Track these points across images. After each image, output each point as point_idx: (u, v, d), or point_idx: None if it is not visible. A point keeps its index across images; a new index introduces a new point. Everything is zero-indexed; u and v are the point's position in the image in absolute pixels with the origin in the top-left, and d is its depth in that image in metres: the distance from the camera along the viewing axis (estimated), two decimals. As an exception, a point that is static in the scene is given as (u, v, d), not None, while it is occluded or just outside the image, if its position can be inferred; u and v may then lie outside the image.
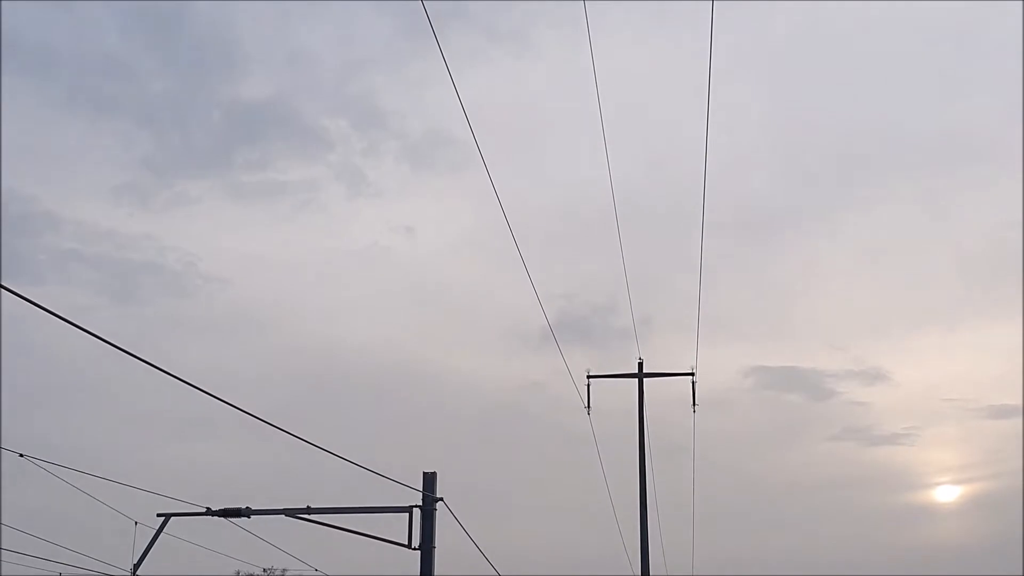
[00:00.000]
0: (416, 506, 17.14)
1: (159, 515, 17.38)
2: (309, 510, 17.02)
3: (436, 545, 17.28)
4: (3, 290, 7.82)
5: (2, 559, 21.79)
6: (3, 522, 18.76)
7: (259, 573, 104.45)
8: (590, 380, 48.73)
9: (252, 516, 17.33)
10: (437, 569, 17.34)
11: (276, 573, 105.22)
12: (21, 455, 16.48)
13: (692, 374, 49.85)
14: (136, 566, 16.95)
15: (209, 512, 17.22)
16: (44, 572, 27.38)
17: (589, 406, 48.27)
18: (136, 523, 17.81)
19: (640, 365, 50.08)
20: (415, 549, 17.11)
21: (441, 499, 17.24)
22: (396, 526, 17.00)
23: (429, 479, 17.39)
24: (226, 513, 17.14)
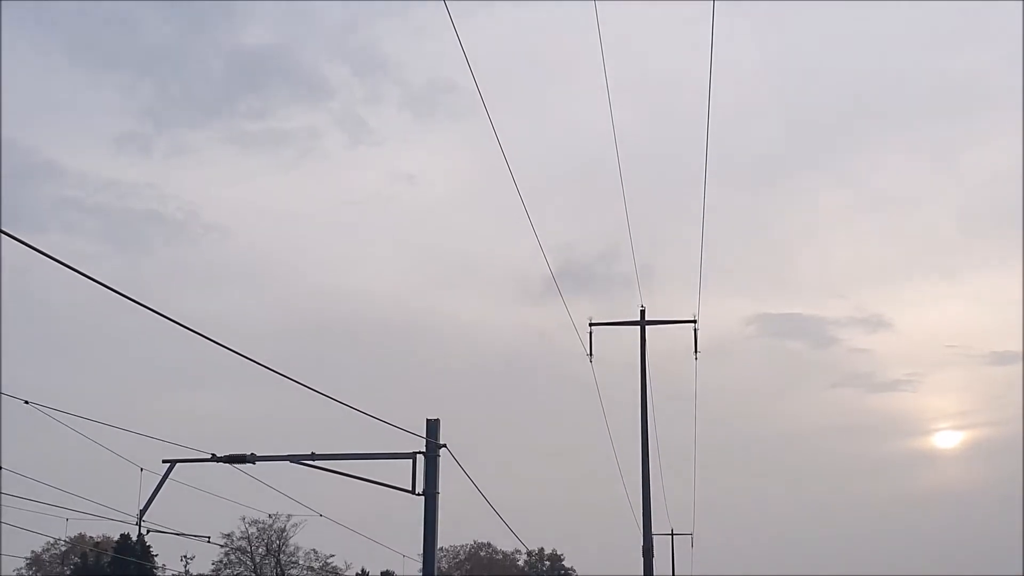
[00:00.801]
0: (419, 452, 17.26)
1: (164, 461, 17.50)
2: (313, 456, 17.14)
3: (439, 491, 17.44)
4: (6, 236, 7.81)
5: (1, 505, 21.99)
6: (11, 469, 18.91)
7: (264, 519, 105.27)
8: (592, 328, 48.80)
9: (257, 462, 17.46)
10: (440, 514, 17.50)
11: (281, 519, 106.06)
12: (27, 402, 16.56)
13: (694, 322, 49.89)
14: (142, 511, 17.11)
15: (214, 458, 17.34)
16: (52, 517, 27.60)
17: (591, 354, 48.39)
18: (142, 469, 17.97)
19: (642, 313, 50.13)
20: (419, 495, 17.26)
21: (444, 446, 17.36)
22: (400, 473, 17.13)
23: (432, 426, 17.50)
24: (231, 459, 17.26)
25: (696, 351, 51.23)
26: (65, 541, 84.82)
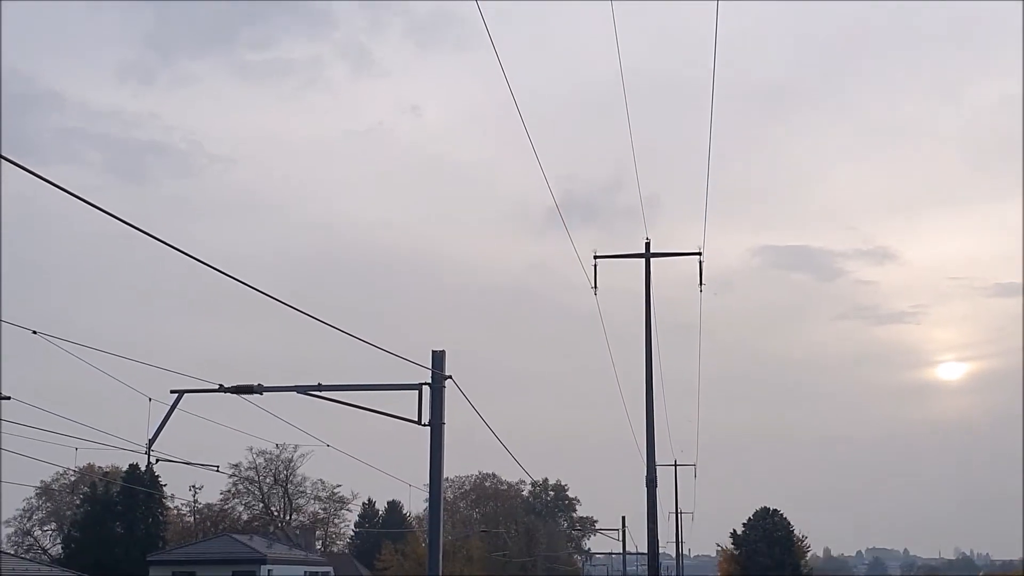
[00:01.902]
0: (425, 384, 17.38)
1: (172, 391, 17.64)
2: (320, 387, 17.26)
3: (445, 421, 17.59)
4: (11, 165, 7.79)
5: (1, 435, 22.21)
6: (19, 399, 19.08)
7: (271, 449, 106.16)
8: (597, 260, 48.87)
9: (263, 393, 17.60)
10: (446, 445, 17.68)
11: (288, 449, 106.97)
12: (34, 332, 16.64)
13: (699, 254, 49.88)
14: (151, 441, 17.29)
15: (221, 389, 17.47)
16: (61, 447, 27.82)
17: (596, 286, 48.50)
18: (150, 399, 18.11)
19: (647, 245, 50.12)
20: (425, 425, 17.42)
21: (450, 376, 17.48)
22: (406, 405, 17.26)
23: (438, 357, 17.60)
24: (238, 390, 17.39)
25: (701, 283, 51.28)
26: (74, 471, 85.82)
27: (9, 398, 18.42)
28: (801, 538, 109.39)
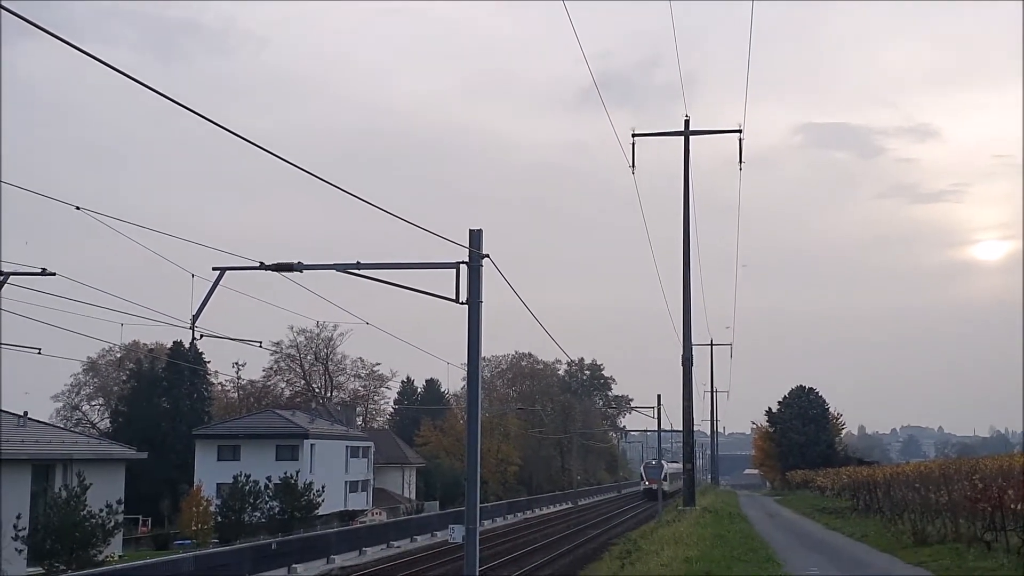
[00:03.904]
0: (463, 262, 17.44)
1: (214, 268, 17.84)
2: (359, 265, 17.38)
3: (483, 300, 17.71)
4: (58, 41, 7.78)
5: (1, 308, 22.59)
6: (65, 275, 19.41)
7: (311, 328, 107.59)
8: (635, 139, 48.43)
9: (304, 271, 17.76)
10: (483, 325, 17.83)
11: (328, 327, 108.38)
12: (77, 208, 16.81)
13: (739, 131, 49.41)
14: (195, 317, 17.58)
15: (262, 266, 17.64)
16: (107, 323, 28.35)
17: (634, 165, 48.18)
18: (193, 276, 18.34)
19: (686, 122, 49.61)
20: (462, 304, 17.53)
21: (487, 255, 17.53)
22: (444, 285, 17.37)
23: (475, 236, 17.63)
24: (279, 267, 17.55)
25: (741, 162, 50.97)
26: (120, 347, 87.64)
27: (55, 274, 18.73)
28: (836, 416, 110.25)
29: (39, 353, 23.82)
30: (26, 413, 53.49)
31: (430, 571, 41.04)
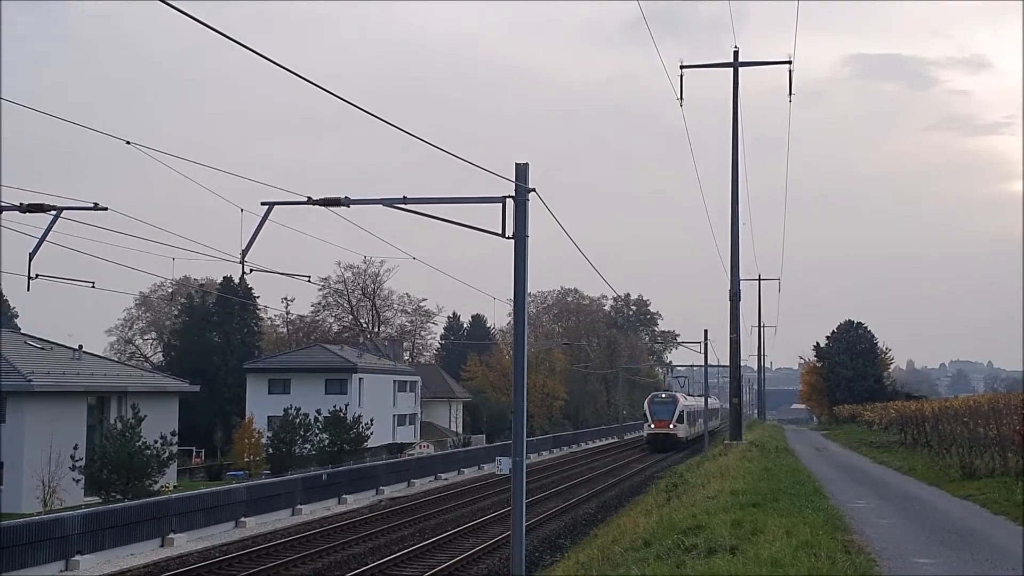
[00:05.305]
0: (509, 196, 17.40)
1: (263, 203, 17.97)
2: (405, 200, 17.41)
3: (529, 234, 17.68)
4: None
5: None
6: (117, 209, 19.63)
7: (358, 263, 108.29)
8: (683, 71, 47.73)
9: (351, 205, 17.83)
10: (529, 261, 17.83)
11: (375, 263, 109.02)
12: (128, 142, 16.94)
13: (789, 62, 48.49)
14: (244, 251, 17.75)
15: (310, 201, 17.73)
16: (159, 257, 28.70)
17: (681, 98, 47.54)
18: (242, 210, 18.47)
19: (735, 54, 48.79)
20: (508, 238, 17.52)
21: (533, 189, 17.47)
22: (490, 221, 17.35)
23: (521, 170, 17.56)
24: (326, 202, 17.64)
25: (791, 93, 50.05)
26: (171, 282, 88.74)
27: (107, 208, 18.95)
28: (884, 350, 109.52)
29: (93, 287, 24.14)
30: (81, 347, 54.55)
31: (477, 502, 41.60)
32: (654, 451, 75.41)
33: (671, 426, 72.86)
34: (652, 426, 78.78)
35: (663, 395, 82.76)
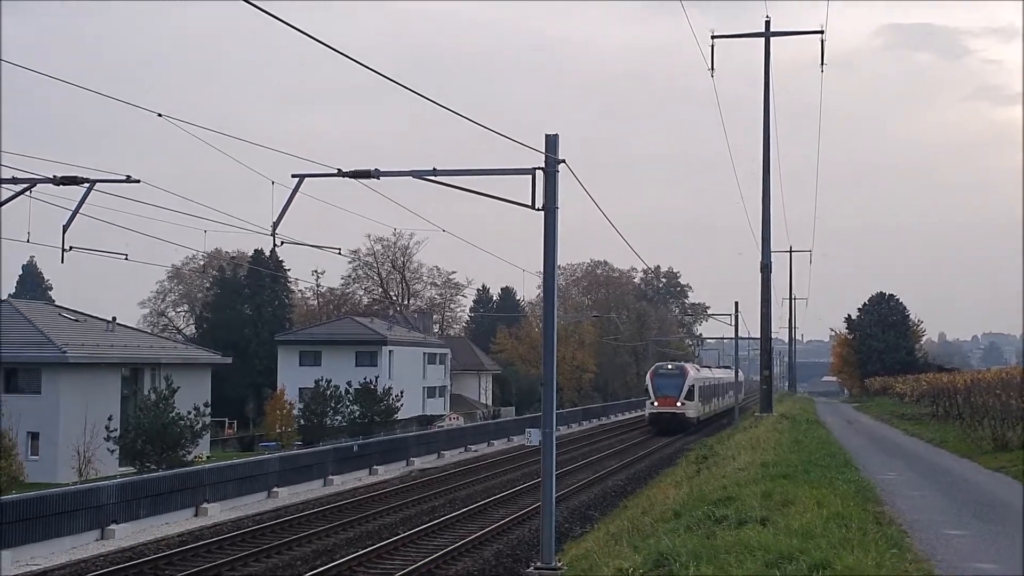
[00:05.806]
0: (539, 168, 17.39)
1: (293, 176, 18.02)
2: (435, 172, 17.42)
3: (559, 206, 17.68)
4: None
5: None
6: (148, 182, 19.74)
7: (388, 236, 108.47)
8: (714, 41, 47.35)
9: (381, 177, 17.87)
10: (559, 233, 17.82)
11: (405, 236, 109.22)
12: (159, 115, 17.02)
13: (821, 32, 48.04)
14: (276, 223, 17.84)
15: (340, 173, 17.78)
16: (190, 229, 28.83)
17: (713, 68, 47.21)
18: (273, 183, 18.54)
19: (767, 23, 48.34)
20: (538, 210, 17.53)
21: (563, 161, 17.44)
22: (520, 192, 17.37)
23: (551, 141, 17.53)
24: (356, 174, 17.69)
25: (822, 64, 49.58)
26: (203, 254, 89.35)
27: (139, 181, 19.07)
28: (916, 323, 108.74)
29: (126, 259, 24.30)
30: (114, 319, 55.11)
31: (507, 473, 41.79)
32: (659, 434, 63.07)
33: (678, 404, 62.16)
34: (655, 403, 65.50)
35: (668, 366, 69.84)
